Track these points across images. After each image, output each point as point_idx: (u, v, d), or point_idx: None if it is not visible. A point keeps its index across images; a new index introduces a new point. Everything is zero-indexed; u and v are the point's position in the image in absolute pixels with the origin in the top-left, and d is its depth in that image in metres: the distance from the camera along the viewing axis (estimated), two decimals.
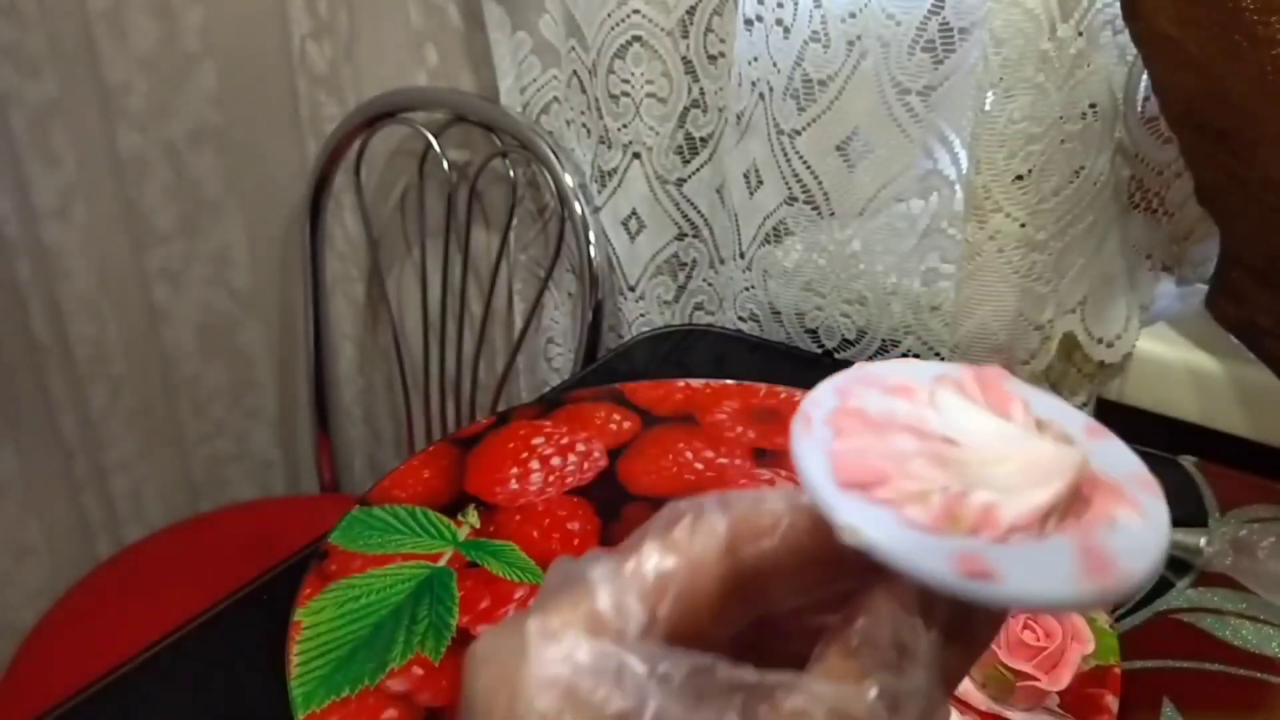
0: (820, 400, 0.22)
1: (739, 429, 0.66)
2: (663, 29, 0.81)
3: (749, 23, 0.75)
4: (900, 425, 0.21)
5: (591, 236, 0.92)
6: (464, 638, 0.50)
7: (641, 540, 0.21)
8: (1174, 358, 0.68)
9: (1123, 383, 0.70)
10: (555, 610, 0.20)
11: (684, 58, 0.82)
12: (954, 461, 0.21)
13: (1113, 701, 0.45)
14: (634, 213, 0.90)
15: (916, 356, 0.74)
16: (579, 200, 0.93)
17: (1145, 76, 0.63)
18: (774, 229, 0.80)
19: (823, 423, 0.22)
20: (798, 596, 0.21)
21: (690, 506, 0.21)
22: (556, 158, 0.94)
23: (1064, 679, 0.44)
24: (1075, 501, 0.20)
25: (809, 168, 0.75)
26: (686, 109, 0.84)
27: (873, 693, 0.19)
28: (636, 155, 0.87)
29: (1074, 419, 0.23)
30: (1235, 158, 0.58)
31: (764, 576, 0.20)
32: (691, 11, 0.80)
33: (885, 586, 0.20)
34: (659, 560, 0.20)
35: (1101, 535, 0.20)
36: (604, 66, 0.84)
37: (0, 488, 1.07)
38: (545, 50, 0.93)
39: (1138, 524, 0.20)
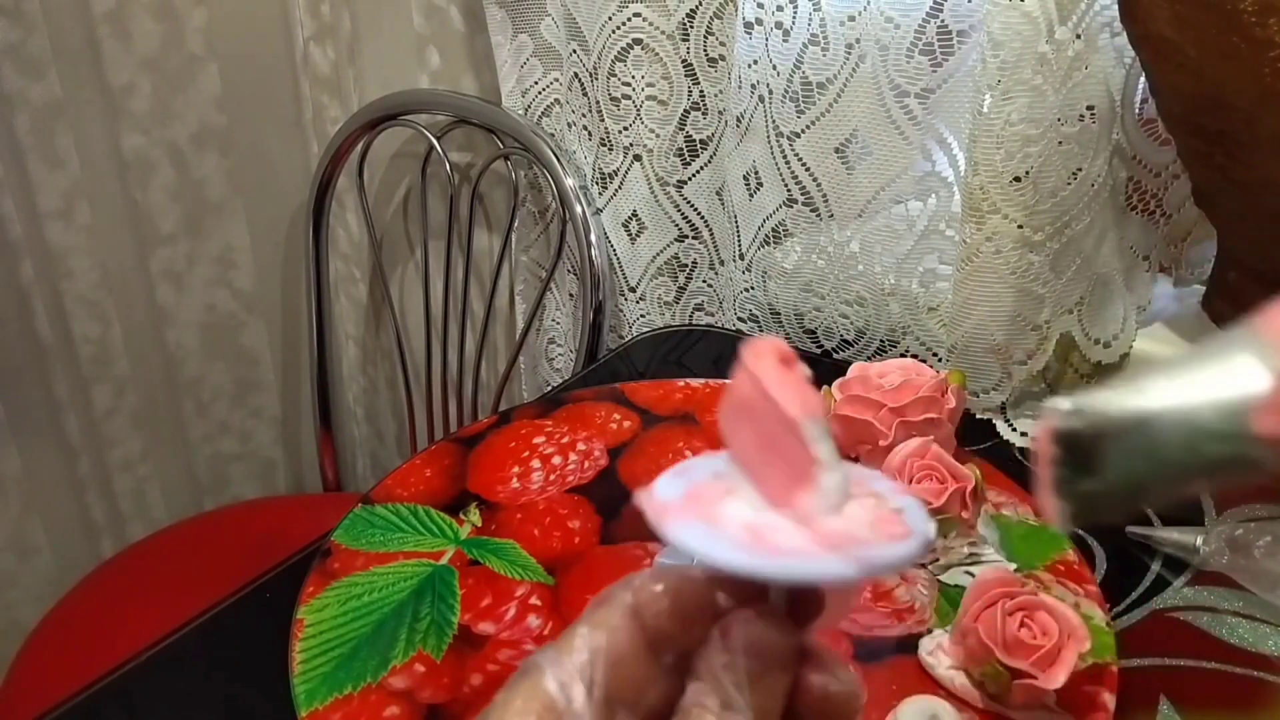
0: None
1: None
2: (663, 32, 0.82)
3: (749, 26, 0.75)
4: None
5: (593, 238, 0.93)
6: (465, 635, 0.50)
7: (577, 625, 0.25)
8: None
9: None
10: (516, 698, 0.24)
11: (684, 60, 0.83)
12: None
13: (1110, 699, 0.45)
14: (635, 214, 0.91)
15: (915, 357, 0.74)
16: (580, 202, 0.93)
17: (1143, 79, 0.63)
18: (773, 230, 0.80)
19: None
20: (693, 644, 0.25)
21: (607, 591, 0.26)
22: (558, 160, 0.94)
23: (1060, 677, 0.44)
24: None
25: (808, 170, 0.75)
26: (687, 111, 0.85)
27: None
28: (637, 157, 0.88)
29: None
30: (1232, 159, 0.58)
31: (664, 632, 0.25)
32: (692, 15, 0.81)
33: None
34: (589, 637, 0.24)
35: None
36: (605, 69, 0.85)
37: (4, 487, 1.08)
38: (547, 53, 0.94)
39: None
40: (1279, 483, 0.21)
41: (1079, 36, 0.60)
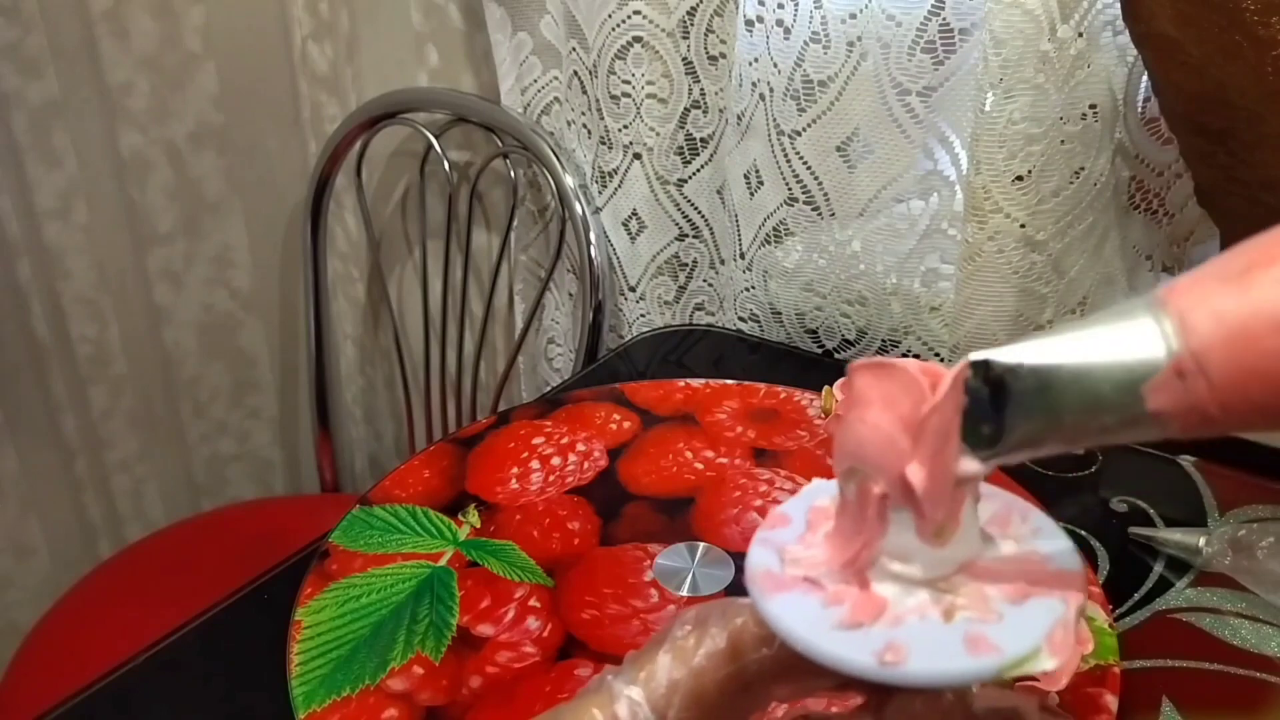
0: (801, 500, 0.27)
1: (739, 429, 0.66)
2: (663, 30, 0.81)
3: (749, 23, 0.75)
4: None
5: (592, 237, 0.93)
6: (464, 637, 0.50)
7: (658, 648, 0.24)
8: None
9: None
10: (584, 715, 0.24)
11: (684, 58, 0.82)
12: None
13: (1112, 701, 0.45)
14: (634, 213, 0.90)
15: (916, 357, 0.74)
16: (580, 201, 0.93)
17: (1145, 77, 0.63)
18: (774, 229, 0.80)
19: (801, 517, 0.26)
20: (799, 692, 0.25)
21: (697, 617, 0.25)
22: (557, 158, 0.94)
23: (1062, 679, 0.44)
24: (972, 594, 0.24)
25: (809, 168, 0.75)
26: (687, 110, 0.84)
27: None
28: (637, 156, 0.87)
29: (1035, 522, 0.26)
30: (1235, 159, 0.58)
31: (766, 677, 0.24)
32: (692, 12, 0.80)
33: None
34: (669, 669, 0.24)
35: (986, 622, 0.23)
36: (605, 67, 0.84)
37: (1, 487, 1.08)
38: (546, 51, 0.93)
39: (1019, 613, 0.24)
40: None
41: (1081, 35, 0.59)
